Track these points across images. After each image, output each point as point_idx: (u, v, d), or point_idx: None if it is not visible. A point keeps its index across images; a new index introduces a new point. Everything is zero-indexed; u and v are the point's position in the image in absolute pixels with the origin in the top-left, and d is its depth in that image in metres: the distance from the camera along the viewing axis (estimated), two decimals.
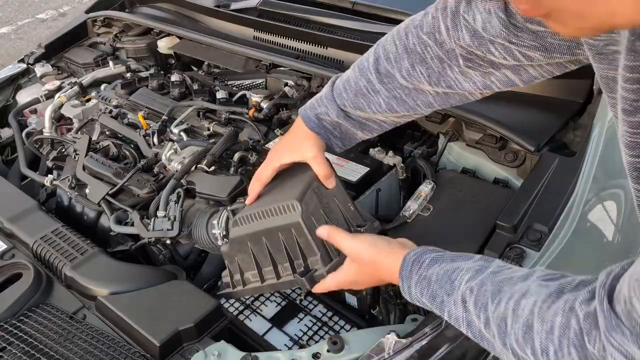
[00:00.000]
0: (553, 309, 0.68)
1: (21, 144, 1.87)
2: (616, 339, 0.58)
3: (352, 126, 1.11)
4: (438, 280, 0.83)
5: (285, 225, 1.03)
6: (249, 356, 1.05)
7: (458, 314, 0.80)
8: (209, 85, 1.89)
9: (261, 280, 1.11)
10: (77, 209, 1.60)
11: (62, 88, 2.01)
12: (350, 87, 1.07)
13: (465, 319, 0.79)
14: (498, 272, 0.79)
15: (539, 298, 0.70)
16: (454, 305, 0.81)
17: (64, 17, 5.58)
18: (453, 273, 0.82)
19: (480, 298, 0.77)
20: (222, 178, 1.44)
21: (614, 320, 0.59)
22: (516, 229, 1.16)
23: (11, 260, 1.35)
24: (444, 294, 0.82)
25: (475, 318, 0.78)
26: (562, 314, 0.66)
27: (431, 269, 0.85)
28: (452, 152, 1.48)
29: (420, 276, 0.85)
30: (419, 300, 0.87)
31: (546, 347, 0.67)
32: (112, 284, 1.25)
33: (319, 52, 1.85)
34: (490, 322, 0.75)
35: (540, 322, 0.69)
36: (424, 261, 0.86)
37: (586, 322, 0.63)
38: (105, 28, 2.32)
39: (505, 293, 0.75)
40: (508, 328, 0.73)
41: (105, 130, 1.74)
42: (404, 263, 0.88)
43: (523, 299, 0.72)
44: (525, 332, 0.70)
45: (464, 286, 0.80)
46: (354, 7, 2.02)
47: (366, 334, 1.08)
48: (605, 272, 0.63)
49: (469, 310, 0.78)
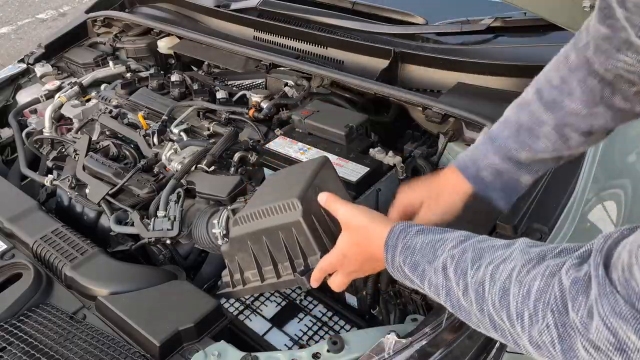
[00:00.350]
0: (532, 273, 0.66)
1: (21, 144, 1.87)
2: (605, 308, 0.55)
3: (515, 171, 0.98)
4: (422, 249, 0.81)
5: (285, 224, 1.03)
6: (249, 356, 1.05)
7: (438, 281, 0.78)
8: (209, 85, 1.89)
9: (261, 280, 1.11)
10: (77, 209, 1.60)
11: (62, 88, 2.01)
12: (509, 125, 0.97)
13: (444, 287, 0.77)
14: (483, 240, 0.77)
15: (518, 263, 0.68)
16: (434, 273, 0.78)
17: (64, 17, 5.59)
18: (437, 242, 0.80)
19: (460, 264, 0.75)
20: (222, 178, 1.45)
21: (608, 287, 0.56)
22: (516, 229, 1.16)
23: (11, 260, 1.35)
24: (426, 263, 0.80)
25: (454, 285, 0.75)
26: (541, 279, 0.64)
27: (417, 238, 0.83)
28: (452, 152, 1.48)
29: (405, 245, 0.83)
30: (401, 271, 0.84)
31: (521, 312, 0.65)
32: (112, 284, 1.25)
33: (319, 52, 1.85)
34: (469, 288, 0.73)
35: (517, 286, 0.67)
36: (411, 231, 0.84)
37: (573, 287, 0.60)
38: (105, 28, 2.32)
39: (485, 259, 0.73)
40: (485, 293, 0.71)
41: (105, 130, 1.74)
42: (391, 232, 0.85)
43: (502, 264, 0.70)
44: (502, 296, 0.68)
45: (446, 254, 0.78)
46: (354, 7, 2.02)
47: (366, 334, 1.08)
48: (602, 236, 0.61)
49: (449, 277, 0.76)
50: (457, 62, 1.60)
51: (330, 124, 1.48)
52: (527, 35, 1.71)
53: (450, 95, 1.53)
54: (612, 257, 0.58)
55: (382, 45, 1.74)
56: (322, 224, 1.03)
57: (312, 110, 1.56)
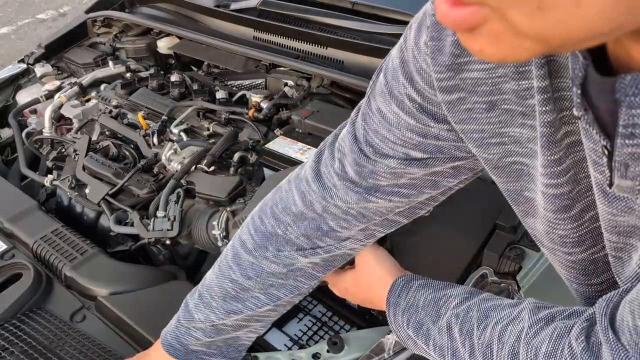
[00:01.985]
0: (541, 335, 0.63)
1: (21, 144, 1.87)
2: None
3: (231, 333, 0.93)
4: (425, 307, 0.79)
5: None
6: (249, 356, 1.05)
7: (443, 342, 0.75)
8: (208, 85, 1.89)
9: None
10: (77, 209, 1.60)
11: (62, 88, 2.01)
12: (215, 294, 0.92)
13: (450, 348, 0.74)
14: (487, 299, 0.75)
15: (526, 325, 0.66)
16: (438, 333, 0.76)
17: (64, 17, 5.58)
18: (440, 300, 0.78)
19: (466, 324, 0.73)
20: (221, 178, 1.45)
21: (622, 352, 0.52)
22: (516, 229, 1.16)
23: (11, 260, 1.35)
24: (430, 322, 0.77)
25: (460, 346, 0.73)
26: (549, 342, 0.61)
27: (419, 294, 0.81)
28: None
29: (408, 302, 0.81)
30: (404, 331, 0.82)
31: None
32: (112, 284, 1.25)
33: (319, 52, 1.85)
34: (476, 349, 0.70)
35: (525, 349, 0.64)
36: (413, 285, 0.83)
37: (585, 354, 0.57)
38: (105, 28, 2.32)
39: (492, 319, 0.70)
40: (494, 356, 0.68)
41: (105, 131, 1.74)
42: (393, 287, 0.85)
43: (510, 325, 0.68)
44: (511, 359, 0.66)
45: (450, 312, 0.75)
46: (354, 7, 2.02)
47: (366, 334, 1.08)
48: (602, 300, 0.58)
49: (454, 338, 0.73)
50: None
51: (330, 124, 1.48)
52: None
53: None
54: (617, 320, 0.55)
55: (382, 45, 1.74)
56: None
57: (312, 110, 1.56)
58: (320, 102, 1.64)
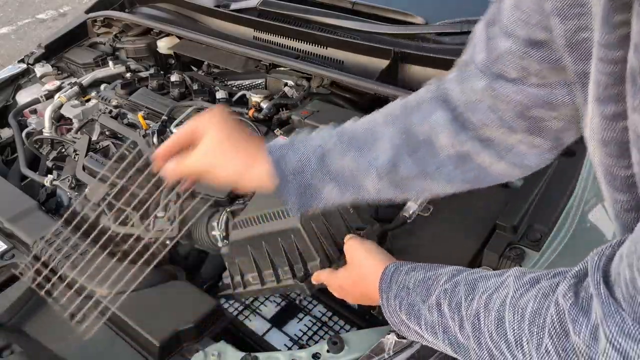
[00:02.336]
0: (525, 297, 0.63)
1: (21, 144, 1.87)
2: (612, 329, 0.51)
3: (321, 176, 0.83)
4: (415, 288, 0.79)
5: (284, 230, 1.03)
6: (248, 356, 1.05)
7: (434, 319, 0.75)
8: (208, 85, 1.89)
9: (261, 283, 1.12)
10: (77, 209, 1.60)
11: (62, 88, 2.01)
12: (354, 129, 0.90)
13: (440, 325, 0.74)
14: (475, 272, 0.75)
15: (511, 289, 0.65)
16: (428, 311, 0.76)
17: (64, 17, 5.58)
18: (429, 279, 0.79)
19: (454, 298, 0.73)
20: None
21: (613, 306, 0.51)
22: (516, 229, 1.16)
23: (11, 260, 1.35)
24: (420, 302, 0.78)
25: (450, 321, 0.73)
26: (534, 301, 0.61)
27: (409, 276, 0.81)
28: None
29: (399, 286, 0.81)
30: (397, 316, 0.82)
31: (519, 338, 0.62)
32: (112, 284, 1.25)
33: (319, 52, 1.85)
34: (464, 321, 0.70)
35: (512, 312, 0.63)
36: (403, 269, 0.84)
37: (573, 308, 0.56)
38: (105, 28, 2.32)
39: (478, 290, 0.71)
40: (481, 325, 0.68)
41: (105, 131, 1.74)
42: (383, 274, 0.85)
43: (496, 292, 0.68)
44: (498, 325, 0.65)
45: (439, 289, 0.76)
46: (354, 7, 2.02)
47: (366, 334, 1.08)
48: (595, 253, 0.57)
49: (444, 314, 0.74)
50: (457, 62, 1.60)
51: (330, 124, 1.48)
52: None
53: None
54: (611, 274, 0.54)
55: (382, 45, 1.74)
56: (321, 230, 1.03)
57: (312, 110, 1.56)
58: (320, 102, 1.64)
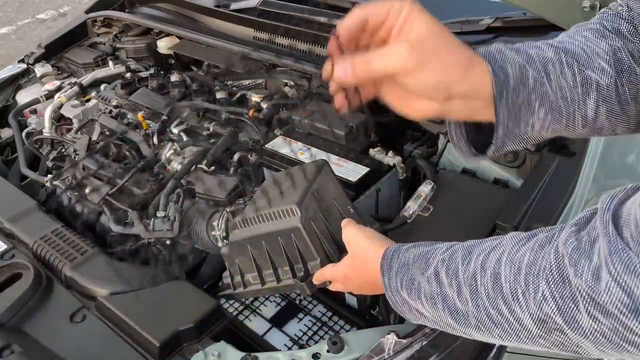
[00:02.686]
0: (522, 250, 0.62)
1: (21, 144, 1.87)
2: (618, 267, 0.51)
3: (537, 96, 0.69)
4: (415, 262, 0.78)
5: (284, 230, 1.03)
6: (248, 356, 1.05)
7: (433, 290, 0.73)
8: (208, 85, 1.89)
9: (261, 283, 1.11)
10: (77, 209, 1.60)
11: (62, 88, 2.01)
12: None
13: (440, 294, 0.72)
14: (472, 241, 0.74)
15: (507, 247, 0.65)
16: (427, 282, 0.74)
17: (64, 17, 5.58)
18: (428, 252, 0.78)
19: (451, 265, 0.71)
20: (221, 178, 1.45)
21: (620, 245, 0.51)
22: (516, 229, 1.16)
23: (11, 260, 1.35)
24: (419, 275, 0.76)
25: (448, 289, 0.71)
26: (531, 252, 0.60)
27: (408, 253, 0.81)
28: (452, 152, 1.48)
29: (400, 263, 0.80)
30: (398, 295, 0.80)
31: (514, 290, 0.61)
32: (112, 284, 1.25)
33: (319, 52, 1.85)
34: (462, 285, 0.69)
35: (508, 267, 0.62)
36: (403, 248, 0.83)
37: (575, 253, 0.55)
38: (105, 28, 2.32)
39: (474, 253, 0.69)
40: (478, 285, 0.66)
41: (105, 131, 1.74)
42: (385, 254, 0.84)
43: (492, 252, 0.66)
44: (494, 282, 0.64)
45: (438, 259, 0.74)
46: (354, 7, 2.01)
47: (366, 334, 1.08)
48: (607, 195, 0.56)
49: (442, 282, 0.72)
50: None
51: (330, 124, 1.48)
52: (527, 35, 1.71)
53: None
54: (622, 215, 0.53)
55: None
56: (322, 229, 1.03)
57: (312, 110, 1.56)
58: (320, 102, 1.64)
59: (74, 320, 1.20)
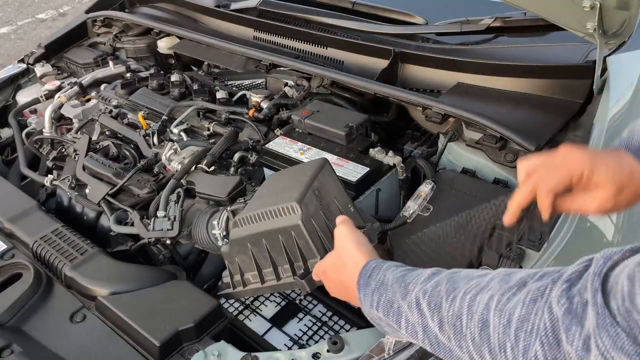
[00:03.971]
0: (513, 301, 0.61)
1: (21, 144, 1.87)
2: (605, 342, 0.50)
3: None
4: (394, 284, 0.77)
5: (285, 228, 1.03)
6: (249, 356, 1.05)
7: (414, 319, 0.73)
8: (209, 85, 1.89)
9: (261, 282, 1.11)
10: (77, 209, 1.60)
11: (62, 88, 2.01)
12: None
13: (420, 325, 0.72)
14: (455, 272, 0.73)
15: (497, 292, 0.63)
16: (408, 309, 0.73)
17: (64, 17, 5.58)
18: (408, 276, 0.77)
19: (434, 298, 0.70)
20: (221, 178, 1.45)
21: (608, 319, 0.50)
22: (516, 228, 1.16)
23: (11, 260, 1.35)
24: (400, 298, 0.75)
25: (429, 321, 0.70)
26: (522, 306, 0.59)
27: (389, 273, 0.80)
28: (452, 152, 1.48)
29: (378, 282, 0.80)
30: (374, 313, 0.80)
31: (503, 343, 0.60)
32: (112, 284, 1.25)
33: (319, 52, 1.85)
34: (445, 323, 0.68)
35: (497, 317, 0.61)
36: (383, 266, 0.82)
37: (567, 317, 0.54)
38: (105, 28, 2.32)
39: (460, 290, 0.68)
40: (463, 327, 0.65)
41: (105, 130, 1.74)
42: (364, 269, 0.83)
43: (480, 294, 0.65)
44: (482, 329, 0.63)
45: (419, 287, 0.73)
46: (354, 7, 2.02)
47: (366, 334, 1.08)
48: (602, 256, 0.55)
49: (423, 313, 0.71)
50: (457, 62, 1.60)
51: (330, 124, 1.48)
52: (527, 35, 1.71)
53: (450, 95, 1.53)
54: (609, 281, 0.53)
55: (382, 45, 1.74)
56: (322, 227, 1.03)
57: (312, 110, 1.56)
58: (320, 102, 1.64)
59: (74, 320, 1.20)
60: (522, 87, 1.50)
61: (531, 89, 1.48)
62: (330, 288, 0.95)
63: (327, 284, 0.95)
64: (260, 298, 1.36)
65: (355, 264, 0.85)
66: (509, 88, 1.51)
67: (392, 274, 0.79)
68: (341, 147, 1.45)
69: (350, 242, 0.90)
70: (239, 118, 1.69)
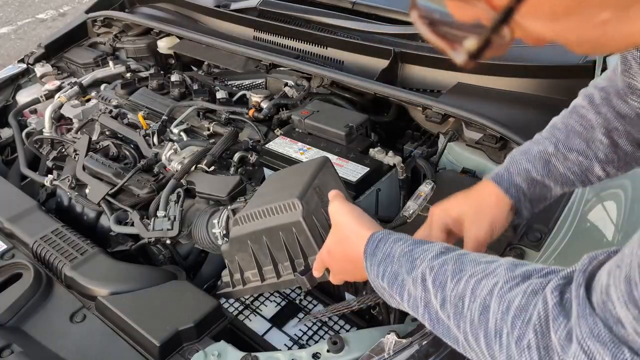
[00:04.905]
0: (515, 290, 0.63)
1: (21, 144, 1.87)
2: (583, 330, 0.53)
3: (552, 181, 0.95)
4: (400, 258, 0.78)
5: (285, 224, 1.03)
6: (249, 356, 1.05)
7: (417, 293, 0.74)
8: (209, 85, 1.89)
9: (261, 279, 1.11)
10: (77, 209, 1.60)
11: (62, 88, 2.01)
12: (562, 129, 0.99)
13: (423, 299, 0.74)
14: (464, 254, 0.74)
15: (501, 279, 0.65)
16: (413, 284, 0.75)
17: (64, 17, 5.58)
18: (417, 251, 0.77)
19: (439, 276, 0.72)
20: (221, 178, 1.45)
21: (588, 309, 0.53)
22: (516, 229, 1.16)
23: (11, 260, 1.35)
24: (405, 272, 0.76)
25: (432, 297, 0.72)
26: (522, 296, 0.61)
27: (396, 245, 0.80)
28: (452, 152, 1.48)
29: (385, 253, 0.80)
30: (379, 282, 0.81)
31: (500, 329, 0.62)
32: (112, 284, 1.25)
33: (319, 52, 1.85)
34: (447, 302, 0.70)
35: (497, 303, 0.64)
36: (390, 238, 0.82)
37: (556, 308, 0.57)
38: (105, 28, 2.32)
39: (466, 272, 0.70)
40: (465, 308, 0.67)
41: (105, 130, 1.74)
42: (370, 239, 0.83)
43: (485, 279, 0.67)
44: (482, 312, 0.65)
45: (426, 264, 0.74)
46: (354, 7, 2.02)
47: (366, 334, 1.08)
48: (588, 256, 0.59)
49: (427, 289, 0.73)
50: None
51: (330, 124, 1.48)
52: None
53: (450, 95, 1.53)
54: (595, 278, 0.56)
55: (382, 45, 1.74)
56: (323, 224, 1.03)
57: (312, 110, 1.56)
58: (320, 102, 1.64)
59: (74, 320, 1.20)
60: (522, 87, 1.50)
61: (531, 89, 1.49)
62: (335, 269, 0.94)
63: (332, 265, 0.94)
64: (260, 298, 1.36)
65: (359, 236, 0.85)
66: (509, 88, 1.51)
67: (399, 247, 0.79)
68: (341, 147, 1.45)
69: (350, 216, 0.89)
70: (239, 118, 1.69)
